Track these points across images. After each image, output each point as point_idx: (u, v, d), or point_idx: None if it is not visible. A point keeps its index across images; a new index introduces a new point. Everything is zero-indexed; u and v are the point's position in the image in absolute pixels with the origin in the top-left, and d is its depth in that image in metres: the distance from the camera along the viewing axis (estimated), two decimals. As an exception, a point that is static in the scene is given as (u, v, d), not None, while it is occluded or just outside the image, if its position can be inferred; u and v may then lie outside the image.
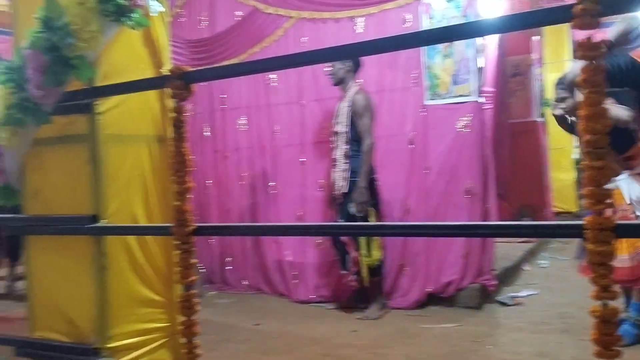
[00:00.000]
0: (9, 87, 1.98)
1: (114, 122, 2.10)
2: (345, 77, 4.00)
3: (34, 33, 1.91)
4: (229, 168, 4.98)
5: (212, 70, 2.74)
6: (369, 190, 3.84)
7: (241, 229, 2.15)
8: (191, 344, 1.84)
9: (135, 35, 2.13)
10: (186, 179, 1.85)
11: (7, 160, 2.15)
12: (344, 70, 3.98)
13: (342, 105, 4.00)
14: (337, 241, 4.05)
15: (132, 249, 2.14)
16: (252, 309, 4.26)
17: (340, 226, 2.66)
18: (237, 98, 4.92)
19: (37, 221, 2.17)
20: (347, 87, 4.00)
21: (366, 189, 3.81)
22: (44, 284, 2.18)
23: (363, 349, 3.30)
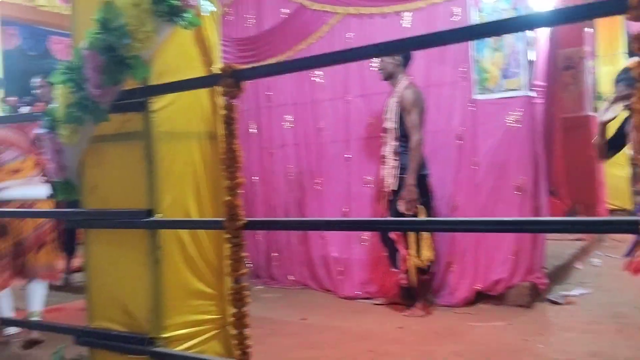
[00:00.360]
0: (69, 86, 2.05)
1: (167, 119, 2.15)
2: (394, 72, 3.97)
3: (92, 34, 1.98)
4: (275, 164, 5.04)
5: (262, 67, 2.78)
6: (419, 187, 3.80)
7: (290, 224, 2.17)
8: (242, 336, 1.88)
9: (187, 34, 2.18)
10: (237, 175, 1.89)
11: (67, 156, 2.24)
12: (393, 64, 3.95)
13: (391, 100, 3.97)
14: (386, 238, 4.04)
15: (185, 242, 2.19)
16: (298, 304, 4.31)
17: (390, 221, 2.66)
18: (282, 95, 4.98)
19: (96, 215, 2.24)
20: (397, 81, 3.97)
21: (415, 186, 3.78)
22: (102, 275, 2.25)
23: (409, 346, 3.30)
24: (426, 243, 3.86)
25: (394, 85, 3.99)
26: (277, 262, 5.00)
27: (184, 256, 2.20)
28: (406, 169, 3.84)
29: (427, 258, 3.85)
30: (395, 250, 3.98)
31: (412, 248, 3.86)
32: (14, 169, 3.51)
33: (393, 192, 3.93)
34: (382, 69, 4.01)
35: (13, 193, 3.40)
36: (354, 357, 3.14)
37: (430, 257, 3.86)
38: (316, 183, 4.78)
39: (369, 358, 3.12)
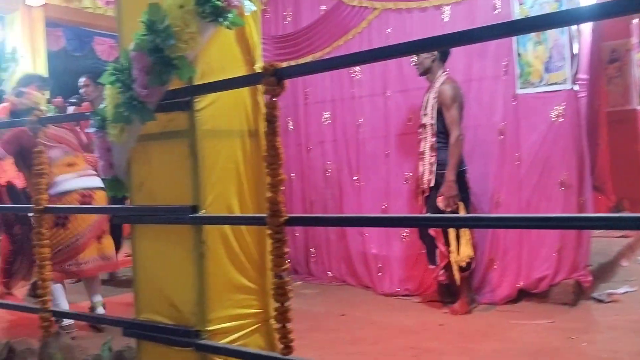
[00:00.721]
0: (117, 87, 2.12)
1: (211, 118, 2.20)
2: (431, 67, 3.93)
3: (138, 36, 2.04)
4: (313, 161, 5.07)
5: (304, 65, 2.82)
6: (458, 183, 3.77)
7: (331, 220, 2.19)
8: (285, 330, 1.92)
9: (230, 34, 2.22)
10: (279, 172, 1.92)
11: (115, 154, 2.31)
12: (430, 59, 3.91)
13: (429, 96, 3.95)
14: (425, 235, 4.03)
15: (228, 238, 2.23)
16: (337, 300, 4.33)
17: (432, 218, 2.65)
18: (320, 92, 4.99)
19: (143, 211, 2.31)
20: (434, 77, 3.93)
21: (454, 182, 3.74)
22: (149, 269, 2.32)
23: (450, 343, 3.28)
24: (466, 240, 3.83)
25: (431, 81, 3.96)
26: (316, 258, 5.03)
27: (227, 251, 2.24)
28: (444, 165, 3.81)
29: (467, 255, 3.81)
30: (434, 247, 3.96)
31: (452, 245, 3.83)
32: (69, 163, 3.65)
33: (430, 188, 3.92)
34: (418, 64, 3.98)
35: (71, 184, 3.55)
36: (394, 353, 3.15)
37: (470, 254, 3.82)
38: (355, 179, 4.79)
39: (410, 355, 3.12)
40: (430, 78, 3.96)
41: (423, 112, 4.00)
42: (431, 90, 3.93)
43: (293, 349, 1.93)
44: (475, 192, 4.07)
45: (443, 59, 3.95)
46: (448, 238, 3.86)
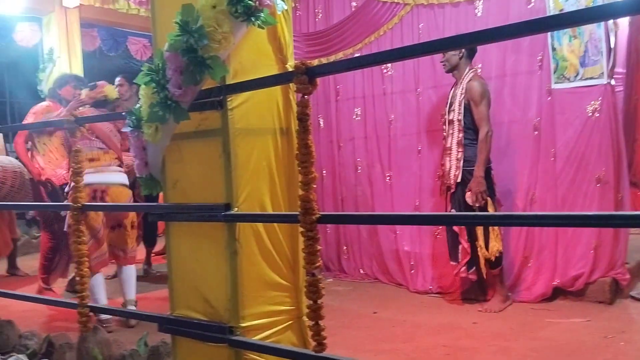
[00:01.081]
0: (152, 87, 2.15)
1: (243, 116, 2.21)
2: (459, 64, 3.92)
3: (172, 36, 2.06)
4: (344, 158, 5.07)
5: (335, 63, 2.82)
6: (485, 180, 3.74)
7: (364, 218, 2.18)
8: (318, 327, 1.93)
9: (262, 33, 2.23)
10: (311, 170, 1.93)
11: (150, 153, 2.35)
12: (458, 56, 3.89)
13: (456, 92, 3.92)
14: (449, 231, 4.01)
15: (261, 235, 2.25)
16: (369, 297, 4.33)
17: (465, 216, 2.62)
18: (352, 88, 4.99)
19: (177, 209, 2.34)
20: (462, 74, 3.91)
21: (483, 178, 3.72)
22: (183, 266, 2.36)
23: (485, 341, 3.25)
24: (495, 234, 3.79)
25: (457, 78, 3.94)
26: (348, 256, 5.04)
27: (260, 248, 2.26)
28: (471, 161, 3.80)
29: (496, 249, 3.78)
30: (457, 243, 3.95)
31: (480, 239, 3.80)
32: (91, 158, 3.75)
33: (457, 184, 3.89)
34: (446, 61, 3.97)
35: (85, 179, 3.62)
36: (427, 351, 3.13)
37: (499, 249, 3.79)
38: (386, 176, 4.78)
39: (443, 353, 3.10)
40: (457, 75, 3.95)
41: (449, 108, 3.98)
42: (457, 86, 3.92)
43: (326, 346, 1.94)
44: (509, 189, 4.03)
45: (470, 55, 3.93)
46: (475, 233, 3.83)
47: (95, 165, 3.74)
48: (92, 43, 6.86)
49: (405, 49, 1.92)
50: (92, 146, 3.82)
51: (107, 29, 6.98)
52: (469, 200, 3.75)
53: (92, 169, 3.71)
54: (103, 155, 3.85)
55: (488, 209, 3.74)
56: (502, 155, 4.10)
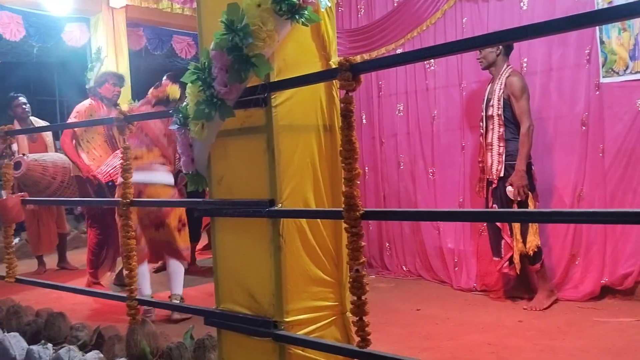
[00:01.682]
0: (198, 85, 2.19)
1: (287, 113, 2.23)
2: (496, 61, 3.90)
3: (218, 35, 2.09)
4: (386, 154, 5.05)
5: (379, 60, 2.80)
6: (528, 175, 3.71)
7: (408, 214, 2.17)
8: (362, 323, 1.93)
9: (305, 30, 2.24)
10: (354, 166, 1.93)
11: (196, 150, 2.40)
12: (495, 53, 3.88)
13: (494, 88, 3.89)
14: (491, 226, 3.97)
15: (305, 231, 2.27)
16: (412, 294, 4.31)
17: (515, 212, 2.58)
18: (394, 84, 4.97)
19: (223, 205, 2.38)
20: (499, 70, 3.89)
21: (525, 172, 3.69)
22: (228, 261, 2.39)
23: (530, 340, 3.20)
24: (533, 229, 3.74)
25: (494, 74, 3.93)
26: (390, 252, 5.02)
27: (304, 244, 2.28)
28: (513, 156, 3.77)
29: (535, 244, 3.73)
30: (499, 239, 3.91)
31: (517, 234, 3.75)
32: (135, 156, 3.80)
33: (499, 178, 3.84)
34: (482, 58, 3.94)
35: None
36: (472, 349, 3.10)
37: (537, 243, 3.74)
38: (429, 172, 4.74)
39: (487, 351, 3.06)
40: (495, 72, 3.93)
41: (486, 104, 3.95)
42: (495, 82, 3.89)
43: (370, 342, 1.94)
44: (556, 185, 3.95)
45: (507, 52, 3.91)
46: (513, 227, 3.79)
47: (137, 164, 3.81)
48: (138, 42, 7.01)
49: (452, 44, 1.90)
50: (138, 144, 3.88)
51: (152, 28, 7.12)
52: (510, 195, 3.73)
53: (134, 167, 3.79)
54: (147, 153, 3.91)
55: (528, 203, 3.72)
56: (548, 151, 4.02)
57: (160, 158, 3.97)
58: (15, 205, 3.39)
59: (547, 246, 3.96)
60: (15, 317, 3.63)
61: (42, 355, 3.04)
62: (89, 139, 4.84)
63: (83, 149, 4.82)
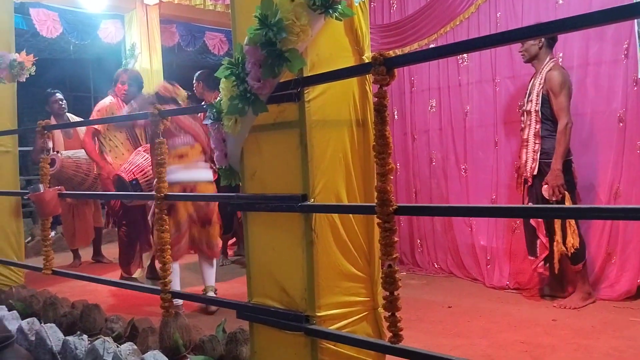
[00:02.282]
0: (232, 80, 2.20)
1: (320, 108, 2.23)
2: (538, 54, 3.80)
3: (252, 30, 2.10)
4: (418, 150, 5.02)
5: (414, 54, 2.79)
6: (564, 173, 3.61)
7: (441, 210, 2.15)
8: (394, 318, 1.93)
9: (339, 25, 2.24)
10: (388, 161, 1.93)
11: (230, 145, 2.41)
12: (537, 46, 3.77)
13: (535, 82, 3.80)
14: (527, 225, 3.91)
15: (337, 226, 2.27)
16: (444, 291, 4.27)
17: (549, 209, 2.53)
18: (427, 79, 4.92)
19: (256, 199, 2.39)
20: (541, 64, 3.79)
21: (561, 171, 3.59)
22: (260, 255, 2.40)
23: (564, 339, 3.14)
24: (572, 230, 3.66)
25: (537, 67, 3.82)
26: (422, 249, 4.99)
27: (336, 239, 2.28)
28: (549, 154, 3.68)
29: (573, 245, 3.65)
30: (535, 238, 3.84)
31: (557, 234, 3.68)
32: (180, 154, 3.85)
33: (533, 177, 3.77)
34: (524, 51, 3.85)
35: (176, 176, 3.74)
36: (504, 347, 3.06)
37: (575, 244, 3.65)
38: (462, 169, 4.69)
39: (521, 349, 3.02)
40: (537, 65, 3.83)
41: (527, 98, 3.86)
42: (537, 76, 3.79)
43: (402, 338, 1.94)
44: (592, 183, 3.87)
45: (550, 45, 3.80)
46: (553, 228, 3.71)
47: (184, 162, 3.84)
48: (171, 39, 7.09)
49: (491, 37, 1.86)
50: (182, 142, 3.91)
51: (185, 25, 7.20)
52: (545, 194, 3.64)
53: (181, 165, 3.82)
54: (190, 150, 3.93)
55: (565, 203, 3.61)
56: (584, 148, 3.94)
57: (201, 155, 4.02)
58: (52, 199, 3.46)
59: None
60: (52, 308, 3.72)
61: (77, 346, 3.10)
62: (111, 137, 4.91)
63: (106, 147, 4.89)
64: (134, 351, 2.89)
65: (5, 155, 4.65)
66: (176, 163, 3.82)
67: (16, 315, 3.71)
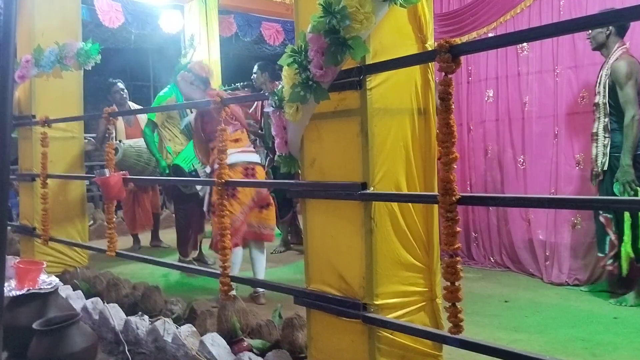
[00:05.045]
0: (294, 68, 2.22)
1: (382, 96, 2.22)
2: (606, 42, 3.65)
3: (315, 18, 2.11)
4: (474, 141, 4.93)
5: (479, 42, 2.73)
6: (635, 168, 3.47)
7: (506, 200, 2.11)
8: (455, 308, 1.91)
9: (402, 12, 2.22)
10: (452, 150, 1.91)
11: (290, 132, 2.43)
12: (605, 34, 3.63)
13: (602, 73, 3.67)
14: (597, 221, 3.78)
15: (396, 215, 2.26)
16: (500, 286, 4.20)
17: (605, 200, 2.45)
18: (484, 70, 4.83)
19: (315, 187, 2.40)
20: (609, 52, 3.64)
21: (631, 167, 3.45)
22: (319, 242, 2.42)
23: (626, 337, 3.05)
24: None
25: (606, 56, 3.67)
26: (477, 243, 4.91)
27: (395, 228, 2.27)
28: (619, 148, 3.55)
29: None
30: (604, 234, 3.72)
31: (626, 235, 3.54)
32: (235, 139, 3.94)
33: (604, 172, 3.65)
34: (591, 38, 3.71)
35: (236, 157, 3.83)
36: (564, 344, 2.99)
37: None
38: (519, 162, 4.58)
39: (580, 346, 2.95)
40: (605, 53, 3.68)
41: (597, 89, 3.72)
42: (605, 66, 3.65)
43: (462, 328, 1.92)
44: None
45: (620, 33, 3.64)
46: (622, 226, 3.57)
47: (239, 146, 3.95)
48: (229, 29, 7.19)
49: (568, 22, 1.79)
50: (234, 128, 4.02)
51: (242, 15, 7.28)
52: (616, 191, 3.51)
53: (238, 149, 3.92)
54: (241, 135, 4.07)
55: (639, 200, 3.48)
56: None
57: (248, 141, 4.15)
58: (117, 183, 3.58)
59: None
60: (115, 289, 3.86)
61: (139, 326, 3.21)
62: (169, 127, 5.03)
63: (166, 137, 5.00)
64: (192, 333, 2.98)
65: (72, 140, 4.84)
66: (233, 147, 3.90)
67: (81, 295, 3.87)
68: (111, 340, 3.31)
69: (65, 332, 2.79)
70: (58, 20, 4.69)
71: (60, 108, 4.62)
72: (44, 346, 2.75)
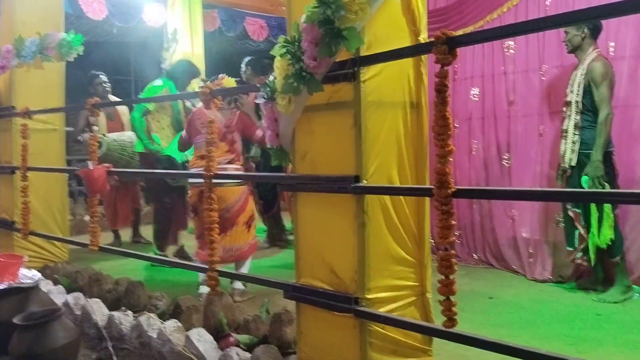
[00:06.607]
0: (287, 59, 2.18)
1: (375, 89, 2.20)
2: (581, 44, 3.75)
3: (310, 8, 2.08)
4: (459, 139, 4.93)
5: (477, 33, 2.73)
6: (605, 165, 3.57)
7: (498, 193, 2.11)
8: (449, 302, 1.90)
9: (396, 4, 2.21)
10: (448, 142, 1.90)
11: (282, 125, 2.39)
12: (580, 36, 3.73)
13: (577, 73, 3.75)
14: (565, 216, 3.89)
15: (388, 209, 2.24)
16: (484, 282, 4.22)
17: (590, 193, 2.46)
18: (470, 68, 4.84)
19: (306, 180, 2.37)
20: (584, 54, 3.74)
21: (601, 162, 3.54)
22: (310, 236, 2.39)
23: (609, 333, 3.09)
24: (609, 223, 3.60)
25: (580, 58, 3.78)
26: (461, 240, 4.93)
27: (387, 223, 2.26)
28: (588, 145, 3.64)
29: (608, 237, 3.60)
30: (573, 229, 3.81)
31: (593, 227, 3.62)
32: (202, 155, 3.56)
33: (571, 168, 3.73)
34: (567, 41, 3.80)
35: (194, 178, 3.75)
36: (549, 340, 3.01)
37: (611, 236, 3.60)
38: (504, 159, 4.61)
39: (566, 342, 2.97)
40: (580, 55, 3.79)
41: (569, 89, 3.80)
42: (579, 67, 3.74)
43: (456, 322, 1.91)
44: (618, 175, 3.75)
45: (594, 35, 3.74)
46: (590, 219, 3.67)
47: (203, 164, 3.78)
48: (212, 23, 7.12)
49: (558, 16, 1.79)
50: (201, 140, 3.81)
51: (226, 10, 7.22)
52: (585, 185, 3.59)
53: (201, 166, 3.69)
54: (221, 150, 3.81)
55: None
56: (634, 141, 3.84)
57: (227, 154, 3.85)
58: (101, 176, 3.51)
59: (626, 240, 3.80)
60: (97, 284, 3.79)
61: (122, 322, 3.15)
62: (159, 119, 4.96)
63: (153, 129, 4.94)
64: (178, 328, 2.93)
65: (53, 133, 4.74)
66: (198, 164, 3.73)
67: (62, 290, 3.79)
68: (94, 336, 3.24)
69: (48, 327, 2.72)
70: (40, 10, 4.59)
71: (41, 100, 4.52)
72: (26, 341, 2.68)
